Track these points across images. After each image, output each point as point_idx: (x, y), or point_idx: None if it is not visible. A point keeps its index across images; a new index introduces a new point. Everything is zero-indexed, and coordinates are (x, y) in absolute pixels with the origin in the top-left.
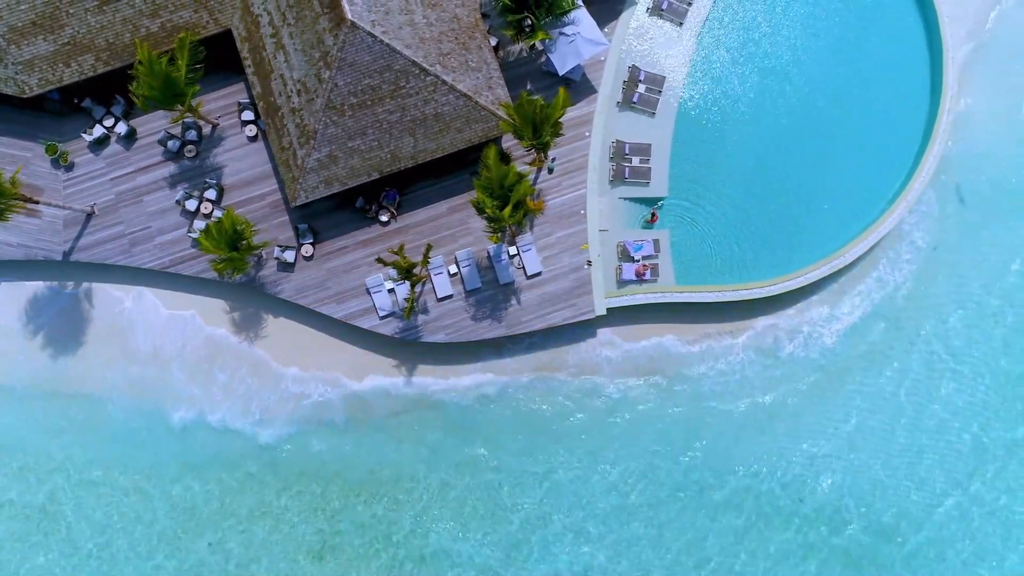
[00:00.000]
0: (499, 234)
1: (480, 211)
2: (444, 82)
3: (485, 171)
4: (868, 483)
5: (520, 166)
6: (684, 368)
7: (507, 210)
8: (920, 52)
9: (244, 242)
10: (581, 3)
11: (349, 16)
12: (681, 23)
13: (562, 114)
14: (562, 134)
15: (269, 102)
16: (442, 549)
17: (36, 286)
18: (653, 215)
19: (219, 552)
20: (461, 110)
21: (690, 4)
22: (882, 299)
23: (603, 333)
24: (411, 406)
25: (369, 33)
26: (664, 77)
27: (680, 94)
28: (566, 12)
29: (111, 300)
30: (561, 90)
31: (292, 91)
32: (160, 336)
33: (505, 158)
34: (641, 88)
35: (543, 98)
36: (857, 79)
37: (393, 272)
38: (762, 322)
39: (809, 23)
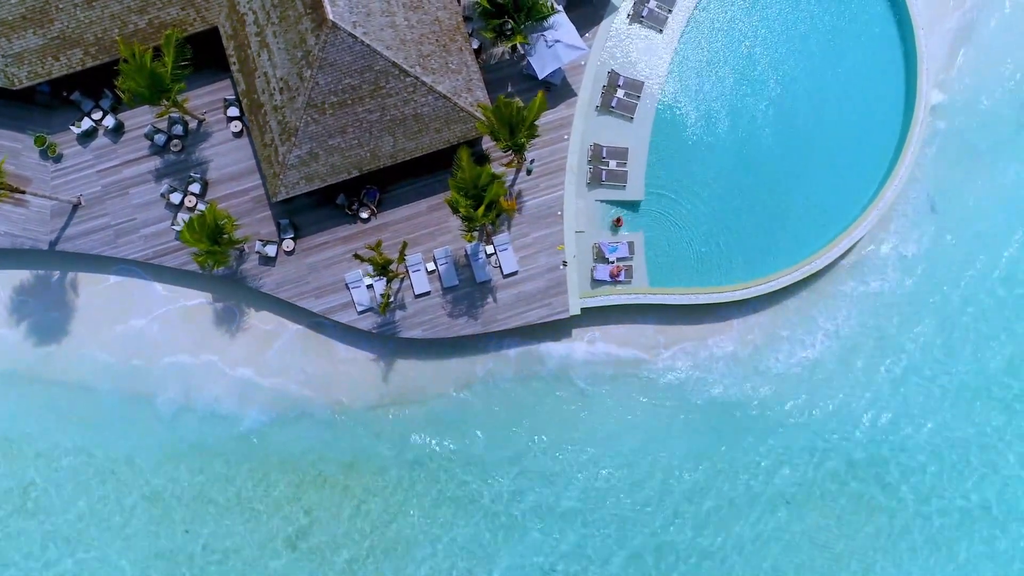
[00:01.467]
0: (474, 233)
1: (455, 210)
2: (423, 83)
3: (459, 171)
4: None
5: (497, 167)
6: (656, 367)
7: (480, 210)
8: (896, 61)
9: (225, 236)
10: (561, 8)
11: (331, 17)
12: (661, 30)
13: (538, 117)
14: (538, 136)
15: (253, 99)
16: (413, 538)
17: (22, 274)
18: (618, 220)
19: (194, 538)
20: (440, 111)
21: (670, 12)
22: (854, 304)
23: (577, 333)
24: (388, 400)
25: (350, 34)
26: (643, 83)
27: (658, 100)
28: (545, 17)
29: (95, 290)
30: (539, 93)
31: (275, 89)
32: (144, 326)
33: (483, 159)
34: (620, 93)
35: (520, 101)
36: (833, 87)
37: (371, 268)
38: (734, 325)
39: (788, 32)
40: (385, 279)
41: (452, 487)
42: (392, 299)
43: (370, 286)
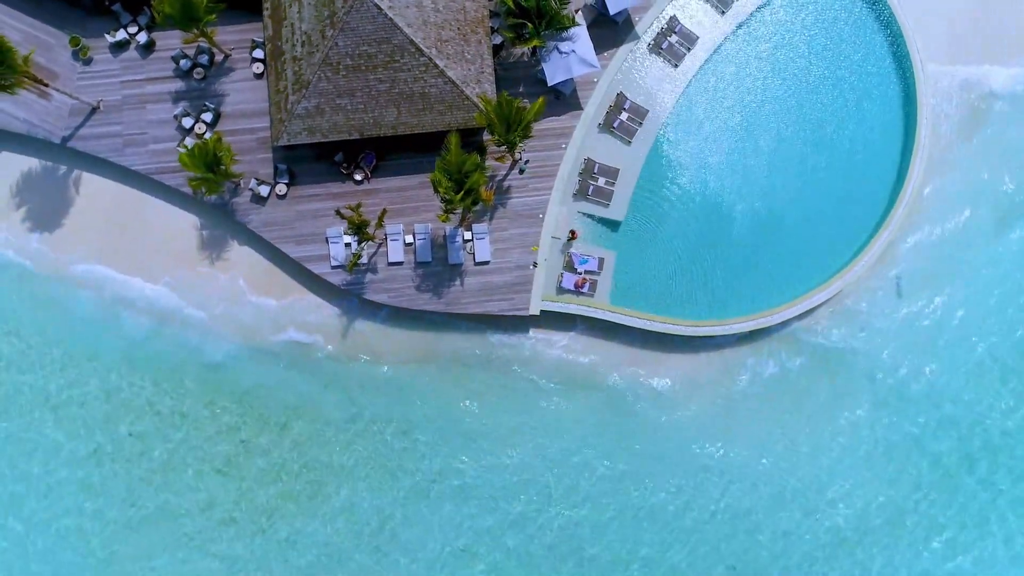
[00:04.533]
0: (450, 216)
1: (436, 189)
2: (436, 66)
3: (447, 154)
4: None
5: (490, 160)
6: (598, 382)
7: (459, 195)
8: (894, 142)
9: (222, 167)
10: (582, 23)
11: None
12: (677, 65)
13: (533, 119)
14: (532, 137)
15: (276, 46)
16: (337, 490)
17: (31, 162)
18: (573, 233)
19: (136, 443)
20: (447, 95)
21: (689, 49)
22: (786, 364)
23: (534, 332)
24: (343, 356)
25: (376, 5)
26: (648, 111)
27: (659, 130)
28: (565, 28)
29: (93, 192)
30: (540, 99)
31: (298, 41)
32: (132, 237)
33: (481, 150)
34: (624, 116)
35: (526, 102)
36: (828, 158)
37: (348, 226)
38: (681, 359)
39: (797, 92)
40: (358, 239)
41: (385, 451)
42: (365, 261)
43: (348, 244)
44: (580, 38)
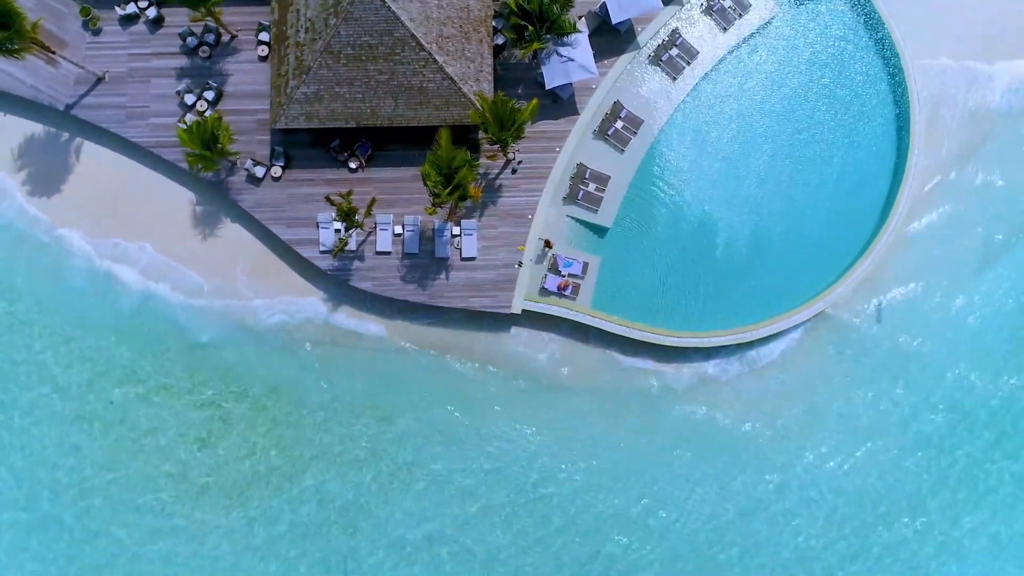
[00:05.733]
0: (437, 209)
1: (425, 182)
2: (435, 61)
3: (438, 149)
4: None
5: (483, 158)
6: (572, 384)
7: (447, 190)
8: (885, 166)
9: (219, 146)
10: (584, 30)
11: None
12: (675, 78)
13: (526, 120)
14: (525, 138)
15: (281, 30)
16: (311, 469)
17: (34, 127)
18: (547, 243)
19: (117, 410)
20: (444, 90)
21: (688, 64)
22: (758, 384)
23: (515, 331)
24: (326, 340)
25: None
26: (643, 121)
27: (653, 141)
28: (566, 33)
29: (95, 161)
30: (534, 101)
31: (302, 27)
32: (129, 207)
33: (475, 146)
34: (619, 124)
35: (517, 102)
36: (819, 177)
37: (336, 213)
38: (657, 366)
39: (792, 113)
40: (346, 226)
41: (359, 436)
42: (353, 248)
43: (338, 230)
44: (581, 44)
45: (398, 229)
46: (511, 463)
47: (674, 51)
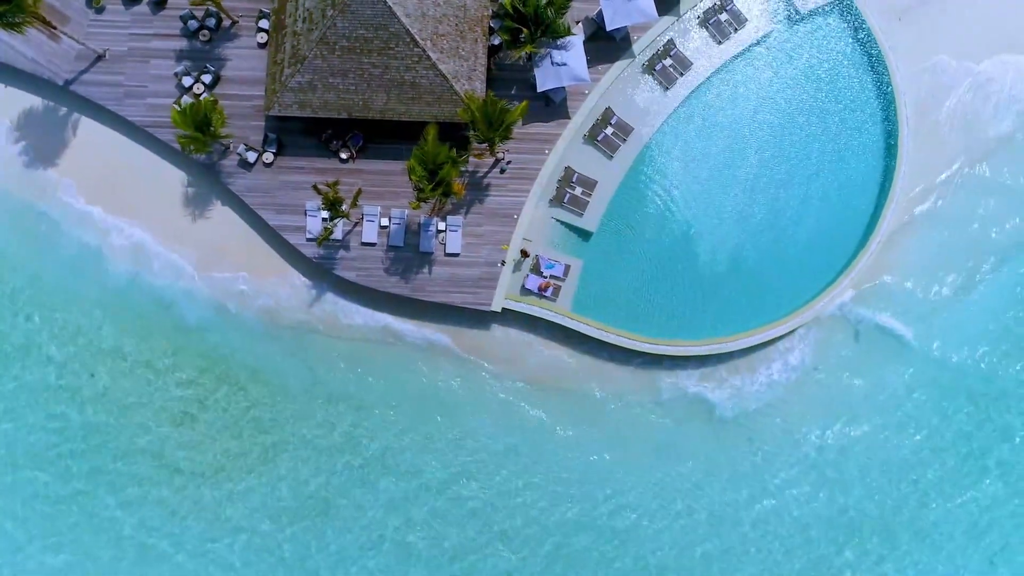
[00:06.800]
0: (422, 204)
1: (410, 176)
2: (428, 58)
3: (424, 144)
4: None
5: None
6: (547, 385)
7: (431, 184)
8: (870, 188)
9: (211, 129)
10: (579, 35)
11: None
12: (668, 88)
13: (515, 121)
14: (513, 138)
15: (280, 18)
16: (285, 453)
17: (33, 100)
18: (524, 252)
19: (97, 383)
20: (436, 87)
21: (682, 74)
22: (728, 397)
23: (495, 328)
24: (308, 327)
25: None
26: (633, 128)
27: (642, 149)
28: (560, 37)
29: (89, 137)
30: (524, 102)
31: (300, 16)
32: (121, 185)
33: (465, 143)
34: (609, 130)
35: (506, 103)
36: (804, 195)
37: (322, 202)
38: (632, 372)
39: (782, 128)
40: (331, 215)
41: (335, 424)
42: (339, 238)
43: (326, 219)
44: (575, 49)
45: (384, 221)
46: (483, 459)
47: (668, 61)
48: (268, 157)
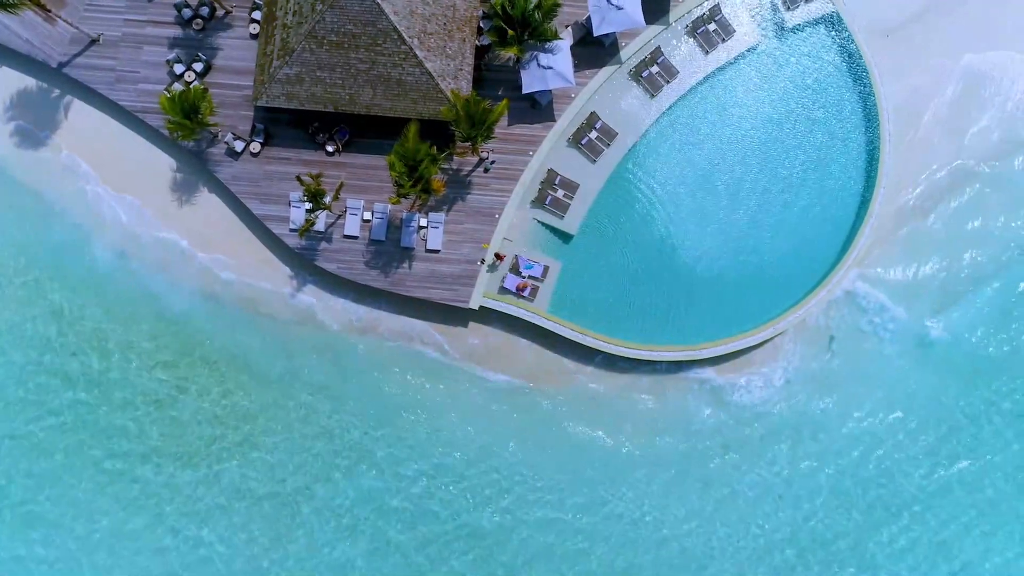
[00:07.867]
0: (401, 199)
1: (390, 171)
2: (415, 55)
3: (404, 141)
4: None
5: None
6: (523, 384)
7: (410, 181)
8: (850, 201)
9: (199, 116)
10: (566, 39)
11: None
12: (653, 95)
13: (496, 121)
14: (495, 138)
15: (271, 11)
16: (263, 452)
17: (26, 80)
18: (498, 256)
19: (77, 363)
20: (422, 85)
21: (668, 82)
22: (706, 403)
23: (472, 326)
24: (288, 316)
25: None
26: (617, 133)
27: (625, 154)
28: (547, 40)
29: (79, 121)
30: (504, 101)
31: (290, 10)
32: (110, 168)
33: (448, 141)
34: (593, 134)
35: (489, 103)
36: (784, 206)
37: (304, 193)
38: (606, 375)
39: (765, 139)
40: (313, 207)
41: (311, 412)
42: (321, 229)
43: (308, 210)
44: (561, 53)
45: (367, 215)
46: (455, 454)
47: (655, 68)
48: (255, 147)
